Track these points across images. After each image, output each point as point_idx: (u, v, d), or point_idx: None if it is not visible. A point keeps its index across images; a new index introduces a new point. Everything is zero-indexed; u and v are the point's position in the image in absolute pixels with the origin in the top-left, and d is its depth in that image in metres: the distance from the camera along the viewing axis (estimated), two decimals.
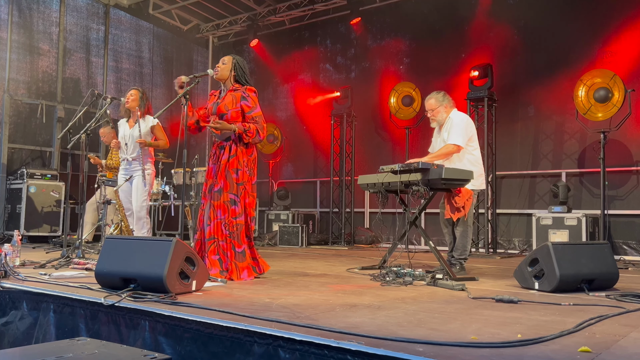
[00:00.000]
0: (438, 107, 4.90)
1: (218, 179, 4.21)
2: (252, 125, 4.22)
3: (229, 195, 4.17)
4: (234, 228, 4.15)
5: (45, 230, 8.26)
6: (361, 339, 2.09)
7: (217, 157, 4.30)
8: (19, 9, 8.97)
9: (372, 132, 9.87)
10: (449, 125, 4.84)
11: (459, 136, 4.72)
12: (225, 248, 4.14)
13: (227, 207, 4.16)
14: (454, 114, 4.91)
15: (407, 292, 3.62)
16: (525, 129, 8.29)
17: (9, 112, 8.80)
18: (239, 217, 4.18)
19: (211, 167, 4.32)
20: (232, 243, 4.15)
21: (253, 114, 4.26)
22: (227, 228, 4.15)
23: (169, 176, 8.09)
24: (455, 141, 4.72)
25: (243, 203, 4.22)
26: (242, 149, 4.26)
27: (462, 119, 4.85)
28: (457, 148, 4.72)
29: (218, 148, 4.34)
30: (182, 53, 11.64)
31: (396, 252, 5.16)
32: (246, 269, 4.15)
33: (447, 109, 4.90)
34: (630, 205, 7.31)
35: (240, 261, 4.14)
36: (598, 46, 7.65)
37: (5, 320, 3.42)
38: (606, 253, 3.80)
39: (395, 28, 9.74)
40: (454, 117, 4.86)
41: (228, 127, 4.20)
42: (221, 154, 4.27)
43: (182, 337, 2.56)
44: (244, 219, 4.21)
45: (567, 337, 2.24)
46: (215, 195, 4.19)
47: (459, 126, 4.77)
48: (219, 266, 4.11)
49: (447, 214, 4.75)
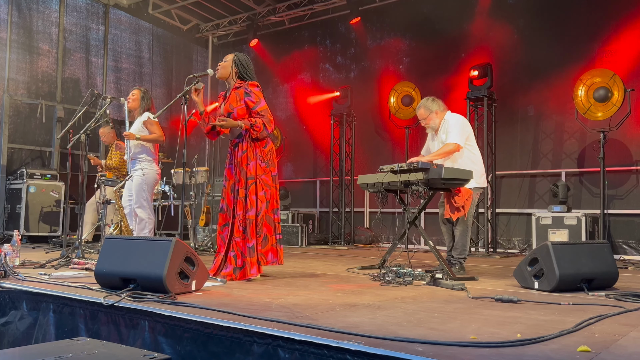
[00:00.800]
0: (429, 114, 4.97)
1: (237, 177, 4.23)
2: (258, 120, 4.21)
3: (243, 192, 4.19)
4: (246, 223, 4.16)
5: (45, 230, 8.27)
6: (361, 339, 2.09)
7: (234, 156, 4.31)
8: (18, 9, 8.97)
9: (371, 132, 9.87)
10: (446, 127, 4.89)
11: (457, 135, 4.77)
12: (240, 244, 4.15)
13: (243, 203, 4.18)
14: (449, 115, 4.96)
15: (407, 291, 3.62)
16: (525, 128, 8.29)
17: (9, 112, 8.80)
18: (249, 212, 4.17)
19: (229, 168, 4.33)
20: (246, 239, 4.15)
21: (258, 108, 4.25)
22: (242, 224, 4.16)
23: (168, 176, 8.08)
24: (454, 140, 4.75)
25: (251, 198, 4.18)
26: (252, 143, 4.26)
27: (458, 119, 4.91)
28: (457, 147, 4.76)
29: (233, 147, 4.35)
30: (181, 53, 11.64)
31: (396, 251, 5.17)
32: (255, 265, 4.14)
33: (438, 114, 4.96)
34: (630, 205, 7.31)
35: (251, 256, 4.13)
36: (598, 45, 7.65)
37: (5, 320, 3.42)
38: (606, 252, 3.80)
39: (394, 28, 9.74)
40: (449, 118, 4.92)
41: (234, 123, 4.20)
42: (236, 152, 4.29)
43: (182, 337, 2.56)
44: (253, 214, 4.17)
45: (567, 337, 2.24)
46: (236, 194, 4.22)
47: (456, 126, 4.82)
48: (233, 263, 4.13)
49: (446, 214, 4.77)
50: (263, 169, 4.26)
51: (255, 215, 4.18)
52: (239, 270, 4.11)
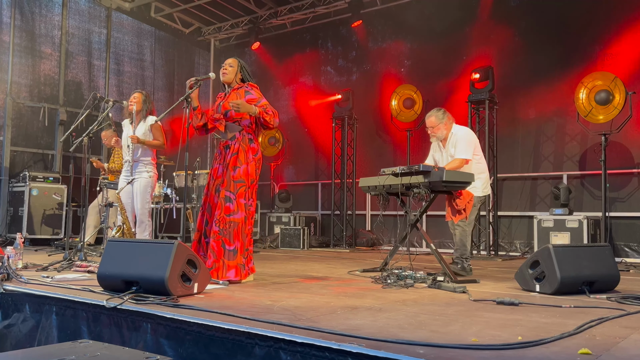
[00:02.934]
0: (438, 124, 5.04)
1: (222, 177, 4.22)
2: (267, 108, 4.25)
3: (225, 193, 4.16)
4: (226, 225, 4.10)
5: (48, 233, 8.29)
6: (362, 341, 2.10)
7: (223, 157, 4.31)
8: (21, 13, 9.01)
9: (373, 135, 9.88)
10: (454, 140, 4.98)
11: (465, 150, 4.88)
12: (213, 246, 4.09)
13: (222, 204, 4.14)
14: (456, 128, 5.06)
15: (408, 294, 3.62)
16: (526, 131, 8.29)
17: (12, 115, 8.83)
18: (233, 215, 4.12)
19: (217, 167, 4.32)
20: (221, 240, 4.08)
21: (260, 104, 4.26)
22: (217, 225, 4.11)
23: (170, 179, 8.10)
24: (463, 155, 4.86)
25: (239, 201, 4.16)
26: (245, 147, 4.26)
27: (465, 133, 5.02)
28: (466, 161, 4.86)
29: (224, 148, 4.34)
30: (183, 56, 11.67)
31: (397, 254, 5.17)
32: (234, 268, 4.06)
33: (447, 126, 5.05)
34: (632, 207, 7.31)
35: (229, 259, 4.06)
36: (599, 48, 7.66)
37: (8, 322, 3.43)
38: (607, 255, 3.80)
39: (396, 30, 9.76)
40: (457, 132, 5.01)
41: (248, 107, 4.18)
42: (227, 153, 4.28)
43: (184, 339, 2.57)
44: (240, 217, 4.14)
45: (568, 339, 2.24)
46: (218, 193, 4.20)
47: (464, 140, 4.93)
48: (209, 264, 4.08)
49: (447, 217, 4.79)
50: (252, 176, 4.24)
51: (244, 220, 4.15)
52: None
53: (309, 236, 9.14)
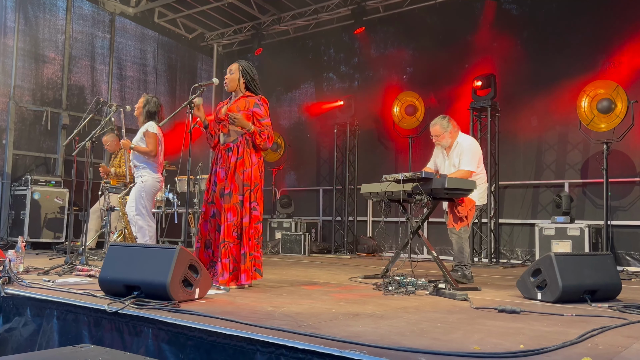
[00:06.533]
0: (443, 132, 5.05)
1: (228, 181, 4.19)
2: (264, 130, 4.24)
3: (238, 197, 4.16)
4: (241, 230, 4.15)
5: (49, 237, 8.29)
6: (364, 348, 2.09)
7: (225, 160, 4.28)
8: (25, 17, 9.05)
9: (375, 141, 9.89)
10: (459, 151, 4.98)
11: (470, 162, 4.89)
12: (234, 251, 4.13)
13: (237, 209, 4.15)
14: (462, 138, 5.06)
15: (410, 301, 3.62)
16: (528, 139, 8.29)
17: (14, 119, 8.86)
18: (244, 219, 4.16)
19: (219, 171, 4.29)
20: (240, 245, 4.14)
21: (263, 122, 4.26)
22: (235, 230, 4.14)
23: (172, 184, 8.11)
24: (468, 167, 4.88)
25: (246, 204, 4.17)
26: (249, 150, 4.26)
27: (470, 144, 5.02)
28: (470, 174, 4.86)
29: (225, 151, 4.31)
30: (186, 61, 11.71)
31: (399, 261, 5.16)
32: (245, 272, 4.11)
33: (452, 134, 5.06)
34: (633, 216, 7.30)
35: (244, 263, 4.11)
36: (601, 57, 7.67)
37: (9, 326, 3.43)
38: (609, 264, 3.80)
39: (398, 38, 9.79)
40: (463, 142, 5.01)
41: (245, 122, 4.19)
42: (229, 157, 4.25)
43: (185, 344, 2.57)
44: (248, 221, 4.17)
45: (570, 348, 2.24)
46: (226, 198, 4.17)
47: (469, 151, 4.93)
48: (229, 269, 4.10)
49: (449, 224, 4.78)
50: (256, 180, 4.25)
51: (249, 223, 4.17)
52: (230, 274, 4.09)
53: (310, 242, 9.13)
